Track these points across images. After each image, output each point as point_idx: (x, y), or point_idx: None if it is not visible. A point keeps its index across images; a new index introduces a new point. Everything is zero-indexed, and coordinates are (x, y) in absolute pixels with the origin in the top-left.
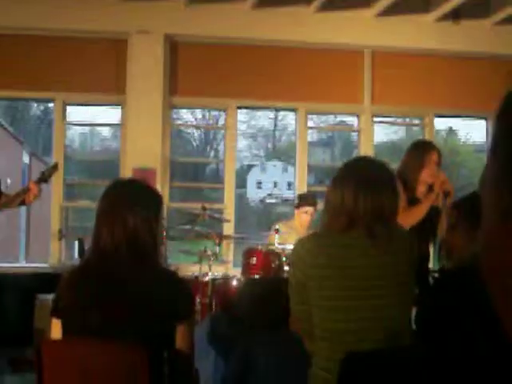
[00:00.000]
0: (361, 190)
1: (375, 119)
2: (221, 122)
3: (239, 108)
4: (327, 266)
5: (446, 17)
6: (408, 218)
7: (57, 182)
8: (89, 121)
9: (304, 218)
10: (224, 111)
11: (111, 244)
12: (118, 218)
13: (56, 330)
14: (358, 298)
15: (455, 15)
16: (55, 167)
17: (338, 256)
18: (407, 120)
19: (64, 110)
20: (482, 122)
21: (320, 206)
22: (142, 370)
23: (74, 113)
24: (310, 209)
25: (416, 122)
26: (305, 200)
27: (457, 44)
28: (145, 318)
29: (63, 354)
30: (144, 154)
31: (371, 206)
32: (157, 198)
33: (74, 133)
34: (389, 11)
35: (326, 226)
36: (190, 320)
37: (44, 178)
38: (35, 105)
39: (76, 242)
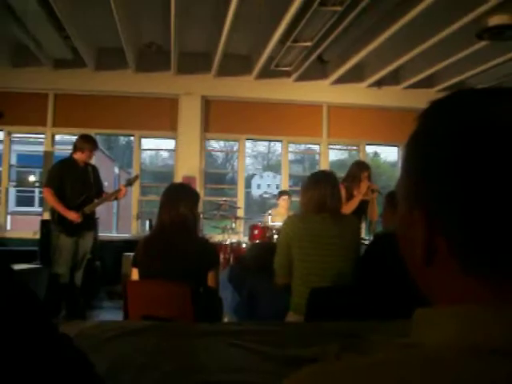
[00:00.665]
0: (325, 189)
1: (329, 146)
2: (235, 148)
3: (247, 139)
4: (304, 233)
5: (373, 84)
6: (348, 208)
7: (136, 184)
8: (155, 147)
9: (282, 204)
10: (237, 141)
11: (169, 221)
12: (174, 206)
13: (134, 274)
14: (320, 253)
15: (379, 83)
16: (137, 177)
17: (311, 228)
18: (349, 147)
19: (139, 141)
20: (394, 148)
21: (293, 198)
22: (186, 299)
23: (147, 142)
24: (285, 197)
25: (354, 148)
26: (283, 193)
27: (380, 101)
28: (188, 266)
29: (139, 289)
30: (189, 167)
31: (331, 198)
32: (196, 194)
33: (146, 155)
34: (338, 81)
35: (303, 210)
36: (216, 267)
37: (130, 184)
38: (122, 138)
39: (147, 221)
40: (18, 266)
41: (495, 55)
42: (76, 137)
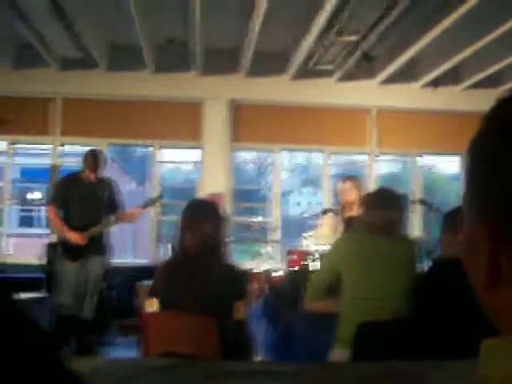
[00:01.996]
0: (381, 213)
1: (377, 158)
2: (269, 159)
3: (282, 150)
4: (356, 257)
5: (428, 84)
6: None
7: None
8: (176, 159)
9: (326, 224)
10: (271, 152)
11: (192, 245)
12: (198, 226)
13: (151, 305)
14: (373, 280)
15: (435, 83)
16: (158, 198)
17: (364, 251)
18: (401, 157)
19: (159, 152)
20: (455, 158)
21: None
22: (212, 334)
23: (167, 153)
24: (330, 215)
25: (406, 159)
26: (327, 211)
27: (437, 104)
28: (214, 296)
29: (159, 322)
30: (215, 182)
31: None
32: (221, 213)
33: (166, 168)
34: (387, 81)
35: (356, 230)
36: (245, 298)
37: (148, 205)
38: (139, 148)
39: (168, 245)
40: (20, 295)
41: None
42: (87, 147)
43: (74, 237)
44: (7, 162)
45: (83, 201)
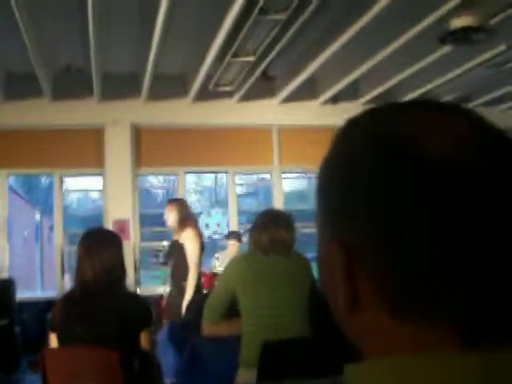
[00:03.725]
0: (271, 233)
1: (283, 175)
2: (177, 183)
3: (187, 173)
4: (252, 277)
5: (328, 101)
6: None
7: (58, 233)
8: (82, 187)
9: (232, 248)
10: (177, 175)
11: (91, 276)
12: (96, 257)
13: (53, 340)
14: (271, 300)
15: (335, 99)
16: None
17: (260, 270)
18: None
19: (61, 181)
20: None
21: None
22: (115, 367)
23: (72, 182)
24: (234, 242)
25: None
26: (232, 234)
27: (338, 120)
28: (116, 328)
29: (59, 358)
30: (121, 209)
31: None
32: (119, 240)
33: (72, 197)
34: (287, 99)
35: (251, 251)
36: (149, 327)
37: None
38: (43, 178)
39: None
40: None
41: (462, 61)
42: None
43: None
44: None
45: None
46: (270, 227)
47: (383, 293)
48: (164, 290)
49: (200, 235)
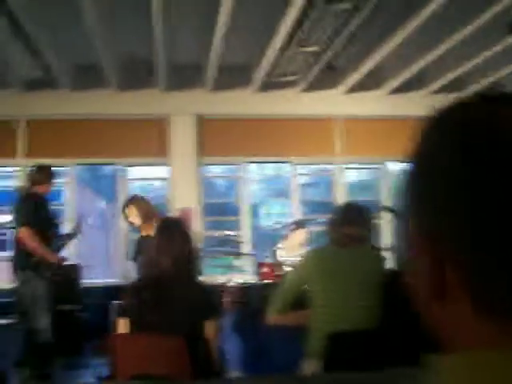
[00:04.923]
0: (347, 228)
1: (345, 166)
2: (239, 172)
3: (250, 162)
4: (327, 270)
5: (393, 91)
6: None
7: (123, 220)
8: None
9: (296, 236)
10: (239, 165)
11: (168, 265)
12: (172, 246)
13: (121, 326)
14: (343, 292)
15: (400, 90)
16: (73, 235)
17: (335, 263)
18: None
19: (125, 171)
20: None
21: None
22: (182, 355)
23: (136, 171)
24: (299, 229)
25: (376, 166)
26: (296, 224)
27: (403, 110)
28: (187, 317)
29: (129, 344)
30: (185, 198)
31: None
32: (191, 232)
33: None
34: (352, 89)
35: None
36: (217, 317)
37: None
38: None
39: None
40: None
41: None
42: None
43: (53, 257)
44: None
45: (50, 219)
46: (345, 221)
47: (469, 286)
48: (227, 278)
49: None
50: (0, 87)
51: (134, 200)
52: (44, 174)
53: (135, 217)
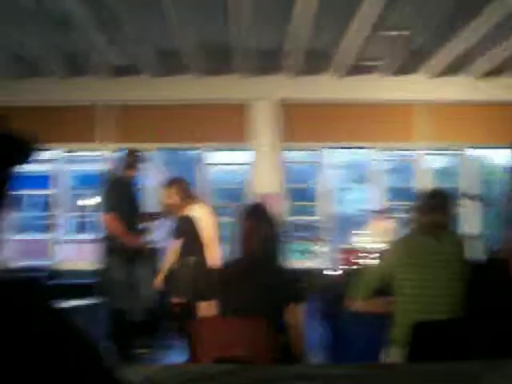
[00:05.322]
0: (431, 215)
1: (429, 152)
2: (320, 158)
3: (330, 148)
4: (414, 258)
5: (481, 76)
6: None
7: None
8: (224, 161)
9: (379, 224)
10: (320, 151)
11: (257, 250)
12: (262, 231)
13: (205, 309)
14: (428, 280)
15: (487, 74)
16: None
17: (421, 251)
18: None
19: (205, 155)
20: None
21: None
22: (265, 338)
23: (215, 156)
24: (383, 216)
25: (459, 152)
26: (380, 211)
27: (490, 95)
28: (270, 301)
29: (215, 327)
30: (267, 182)
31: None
32: (277, 216)
33: (215, 170)
34: (437, 74)
35: (413, 232)
36: (301, 301)
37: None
38: (187, 152)
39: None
40: (72, 303)
41: None
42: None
43: (136, 241)
44: (62, 169)
45: (134, 203)
46: (431, 208)
47: None
48: (306, 264)
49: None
50: (86, 74)
51: (176, 180)
52: (132, 158)
53: (175, 196)
